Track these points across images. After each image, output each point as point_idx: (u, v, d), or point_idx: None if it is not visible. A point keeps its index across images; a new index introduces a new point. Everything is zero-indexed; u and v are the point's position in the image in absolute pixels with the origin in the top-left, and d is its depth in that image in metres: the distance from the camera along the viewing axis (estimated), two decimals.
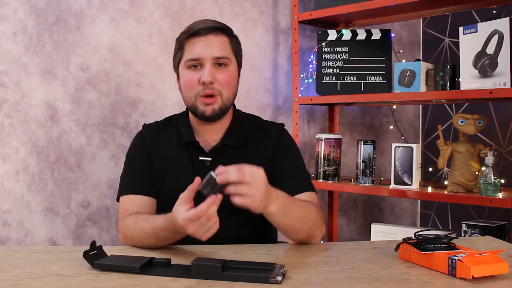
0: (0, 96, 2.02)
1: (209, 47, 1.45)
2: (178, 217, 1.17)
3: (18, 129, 2.05)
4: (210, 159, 1.49)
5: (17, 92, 2.04)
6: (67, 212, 2.15)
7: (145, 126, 1.62)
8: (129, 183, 1.52)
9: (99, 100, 2.19)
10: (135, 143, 1.59)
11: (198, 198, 1.18)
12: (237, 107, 1.64)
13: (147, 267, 1.11)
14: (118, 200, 1.54)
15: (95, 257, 1.13)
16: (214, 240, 1.21)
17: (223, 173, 1.14)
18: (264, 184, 1.17)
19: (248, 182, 1.14)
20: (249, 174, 1.15)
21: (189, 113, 1.56)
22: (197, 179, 1.17)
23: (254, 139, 1.55)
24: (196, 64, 1.46)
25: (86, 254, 1.13)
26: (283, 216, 1.28)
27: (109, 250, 1.19)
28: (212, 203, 1.14)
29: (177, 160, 1.53)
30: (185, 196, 1.19)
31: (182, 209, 1.17)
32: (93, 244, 1.15)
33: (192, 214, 1.14)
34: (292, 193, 1.41)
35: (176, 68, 1.54)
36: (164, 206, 1.49)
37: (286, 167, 1.54)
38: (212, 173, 1.15)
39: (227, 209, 1.45)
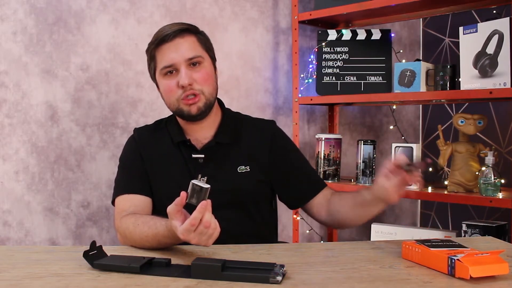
0: (0, 96, 2.02)
1: (179, 51, 1.46)
2: (176, 231, 1.16)
3: (18, 129, 2.05)
4: (203, 156, 1.51)
5: (17, 92, 2.04)
6: (67, 212, 2.14)
7: (135, 130, 1.64)
8: (123, 184, 1.54)
9: (99, 100, 2.19)
10: (127, 147, 1.62)
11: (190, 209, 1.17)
12: (237, 107, 1.64)
13: (147, 267, 1.11)
14: (113, 203, 1.54)
15: (95, 257, 1.13)
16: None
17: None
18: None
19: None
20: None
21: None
22: (183, 193, 1.15)
23: (246, 135, 1.57)
24: (171, 70, 1.47)
25: (86, 254, 1.13)
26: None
27: (109, 250, 1.19)
28: (204, 209, 1.12)
29: (170, 160, 1.54)
30: (173, 210, 1.16)
31: (177, 224, 1.16)
32: (93, 244, 1.15)
33: (188, 224, 1.13)
34: (314, 193, 1.55)
35: (153, 78, 1.56)
36: (162, 206, 1.49)
37: (296, 169, 1.59)
38: (193, 181, 1.14)
39: (227, 205, 1.46)
